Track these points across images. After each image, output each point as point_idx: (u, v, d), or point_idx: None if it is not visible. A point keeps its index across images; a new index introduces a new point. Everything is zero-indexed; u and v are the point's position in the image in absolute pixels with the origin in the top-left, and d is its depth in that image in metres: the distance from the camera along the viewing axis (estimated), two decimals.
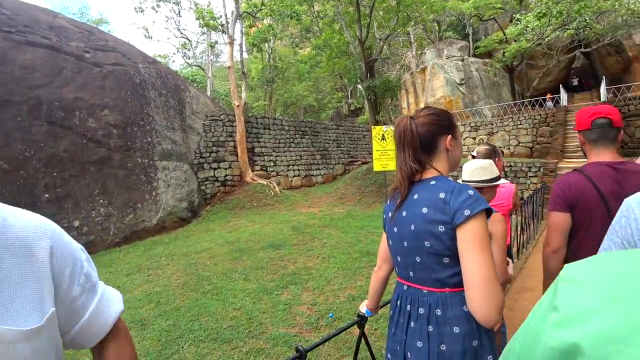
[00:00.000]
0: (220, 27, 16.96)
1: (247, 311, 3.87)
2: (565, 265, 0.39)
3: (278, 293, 4.41)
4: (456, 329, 1.09)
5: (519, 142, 16.22)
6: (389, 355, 1.28)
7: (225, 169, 11.98)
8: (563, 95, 19.41)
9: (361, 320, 1.75)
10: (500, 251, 1.68)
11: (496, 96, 21.86)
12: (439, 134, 1.23)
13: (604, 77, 19.53)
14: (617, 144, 1.64)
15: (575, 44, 20.64)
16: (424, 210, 1.13)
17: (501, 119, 17.21)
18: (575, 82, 24.15)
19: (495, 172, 2.03)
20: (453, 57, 22.72)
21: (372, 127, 10.66)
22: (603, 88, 17.41)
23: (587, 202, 1.58)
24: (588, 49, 20.77)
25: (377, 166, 10.02)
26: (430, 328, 1.12)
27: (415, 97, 23.73)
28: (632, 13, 16.38)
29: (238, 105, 12.33)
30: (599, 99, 18.65)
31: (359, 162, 15.86)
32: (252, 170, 12.75)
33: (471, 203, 1.07)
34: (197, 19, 16.92)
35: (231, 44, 13.46)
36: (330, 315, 3.71)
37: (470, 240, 1.04)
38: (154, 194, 9.04)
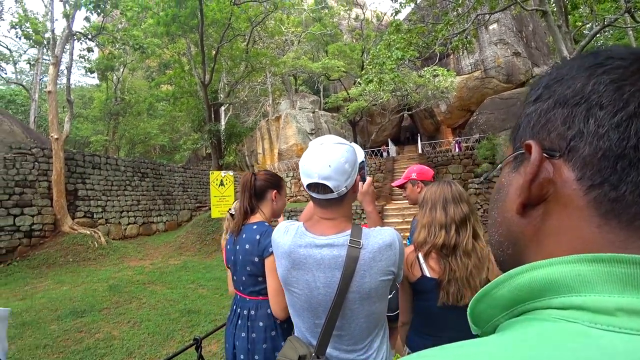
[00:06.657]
0: (45, 43, 14.33)
1: None
2: None
3: None
4: (261, 323, 1.58)
5: None
6: (226, 345, 1.71)
7: (33, 216, 9.65)
8: (392, 148, 23.27)
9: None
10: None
11: None
12: (269, 188, 1.77)
13: (419, 135, 24.88)
14: None
15: (402, 107, 24.90)
16: (247, 246, 1.61)
17: None
18: (407, 135, 29.85)
19: None
20: (305, 108, 24.66)
21: (210, 172, 10.30)
22: (419, 143, 22.72)
23: None
24: (411, 112, 25.32)
25: (215, 213, 9.54)
26: (249, 323, 1.60)
27: (270, 143, 24.52)
28: (437, 89, 21.20)
29: (57, 139, 10.34)
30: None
31: (207, 208, 15.02)
32: (73, 218, 10.62)
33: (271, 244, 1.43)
34: (14, 26, 13.81)
35: (56, 65, 11.48)
36: None
37: (269, 268, 1.52)
38: None
